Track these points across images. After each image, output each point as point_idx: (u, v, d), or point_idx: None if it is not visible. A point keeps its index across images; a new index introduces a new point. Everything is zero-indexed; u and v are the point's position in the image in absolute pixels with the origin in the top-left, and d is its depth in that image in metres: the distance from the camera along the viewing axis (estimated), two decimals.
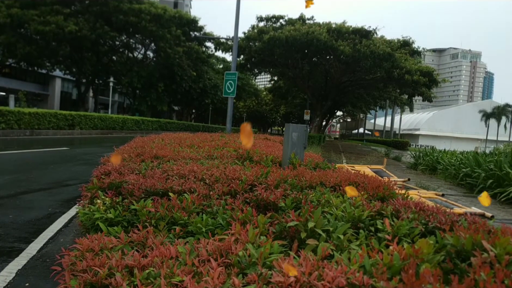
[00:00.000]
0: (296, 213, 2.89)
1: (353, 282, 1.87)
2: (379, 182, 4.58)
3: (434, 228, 3.08)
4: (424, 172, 15.27)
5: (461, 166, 12.05)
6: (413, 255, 2.17)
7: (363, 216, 3.10)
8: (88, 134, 25.99)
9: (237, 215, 2.98)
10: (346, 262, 2.13)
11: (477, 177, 10.68)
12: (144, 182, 3.99)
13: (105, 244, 2.37)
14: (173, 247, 2.19)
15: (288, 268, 1.72)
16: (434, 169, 14.70)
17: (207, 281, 1.71)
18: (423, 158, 16.48)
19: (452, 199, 8.82)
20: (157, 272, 1.89)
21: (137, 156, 6.38)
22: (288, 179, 4.38)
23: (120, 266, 1.92)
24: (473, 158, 11.83)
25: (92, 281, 1.82)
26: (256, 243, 2.46)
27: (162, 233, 2.80)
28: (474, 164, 11.39)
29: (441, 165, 13.84)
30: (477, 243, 2.47)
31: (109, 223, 3.20)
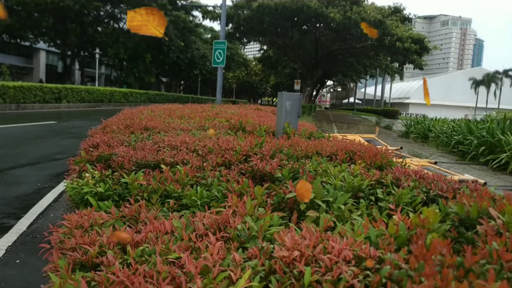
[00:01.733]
0: (294, 184, 2.78)
1: (359, 255, 1.78)
2: (376, 150, 4.49)
3: (436, 196, 3.00)
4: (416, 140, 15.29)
5: (453, 133, 12.05)
6: (419, 225, 2.08)
7: (363, 186, 3.01)
8: (76, 107, 25.52)
9: (233, 187, 2.86)
10: (351, 234, 2.03)
11: (469, 144, 10.69)
12: (134, 154, 3.84)
13: (95, 219, 2.24)
14: (167, 222, 2.07)
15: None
16: (425, 137, 14.72)
17: (206, 257, 1.60)
18: (414, 127, 16.47)
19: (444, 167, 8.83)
20: (151, 249, 1.77)
21: (126, 128, 6.20)
22: (284, 149, 4.26)
23: (111, 243, 1.80)
24: (465, 125, 11.82)
25: (82, 260, 1.70)
26: (254, 215, 2.35)
27: (155, 207, 2.68)
28: (466, 131, 11.38)
29: (433, 133, 13.84)
30: (483, 211, 2.39)
31: (99, 198, 3.07)
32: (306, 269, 1.54)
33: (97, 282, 1.47)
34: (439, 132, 13.31)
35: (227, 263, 1.64)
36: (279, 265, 1.61)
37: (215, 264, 1.59)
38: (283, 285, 1.52)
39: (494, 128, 10.09)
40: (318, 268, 1.60)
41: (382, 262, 1.82)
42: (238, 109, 12.40)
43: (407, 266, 1.57)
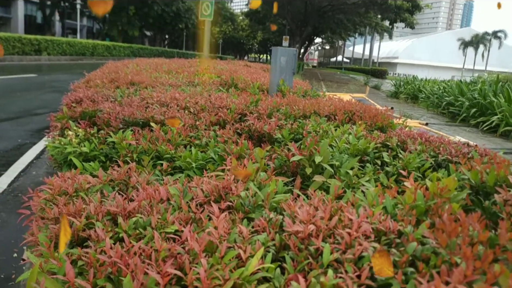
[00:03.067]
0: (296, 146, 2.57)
1: (379, 228, 1.60)
2: (376, 111, 4.29)
3: (445, 161, 2.84)
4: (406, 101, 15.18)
5: (444, 94, 11.92)
6: (437, 194, 1.90)
7: (369, 149, 2.82)
8: (57, 60, 24.55)
9: (231, 149, 2.64)
10: (366, 204, 1.85)
11: (460, 106, 10.59)
12: (121, 110, 3.57)
13: (81, 184, 2.01)
14: (162, 188, 1.85)
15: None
16: (415, 98, 14.59)
17: (210, 232, 1.40)
18: (404, 87, 16.30)
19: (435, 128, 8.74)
20: (146, 220, 1.56)
21: (111, 83, 5.85)
22: (281, 108, 4.03)
23: (100, 214, 1.58)
24: (457, 86, 11.68)
25: None
26: (256, 180, 2.15)
27: (147, 169, 2.46)
28: (457, 92, 11.26)
29: (423, 94, 13.70)
30: (500, 178, 2.23)
31: (84, 158, 2.83)
32: (325, 246, 1.36)
33: (85, 263, 1.26)
34: (429, 93, 13.18)
35: (233, 238, 1.45)
36: (293, 241, 1.43)
37: (221, 240, 1.39)
38: (300, 264, 1.33)
39: (486, 90, 9.96)
40: (337, 245, 1.42)
41: (402, 235, 1.66)
42: (227, 65, 12.00)
43: (437, 243, 1.39)
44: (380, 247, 1.41)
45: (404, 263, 1.34)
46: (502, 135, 8.58)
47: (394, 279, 1.27)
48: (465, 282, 1.16)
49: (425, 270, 1.29)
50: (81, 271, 1.28)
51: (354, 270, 1.30)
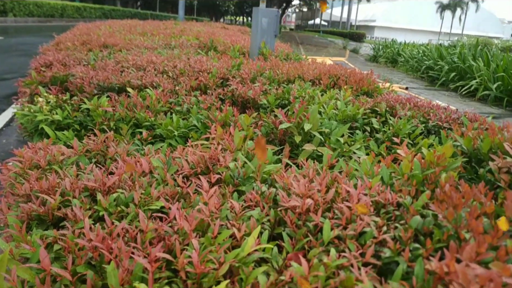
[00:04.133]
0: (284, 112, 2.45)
1: (377, 201, 1.51)
2: (361, 75, 4.17)
3: (435, 127, 2.77)
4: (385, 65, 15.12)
5: (424, 58, 11.88)
6: (433, 162, 1.83)
7: (358, 115, 2.72)
8: (24, 22, 23.29)
9: (215, 116, 2.49)
10: (360, 173, 1.76)
11: (439, 70, 10.60)
12: (95, 75, 3.34)
13: (54, 156, 1.85)
14: (144, 160, 1.71)
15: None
16: (395, 61, 14.54)
17: (200, 209, 1.28)
18: (383, 50, 16.20)
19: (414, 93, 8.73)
20: (128, 196, 1.43)
21: (82, 45, 5.53)
22: (264, 72, 3.86)
23: (77, 190, 1.43)
24: (436, 50, 11.65)
25: (39, 213, 1.34)
26: (244, 150, 2.03)
27: (126, 138, 2.30)
28: (437, 56, 11.23)
29: (403, 58, 13.65)
30: (495, 145, 2.17)
31: (57, 127, 2.63)
32: (324, 222, 1.26)
33: (62, 247, 1.13)
34: (409, 57, 13.13)
35: (225, 215, 1.34)
36: (289, 217, 1.32)
37: (213, 218, 1.27)
38: (299, 243, 1.24)
39: (465, 54, 9.96)
40: (337, 221, 1.32)
41: (400, 207, 1.58)
42: (204, 27, 11.58)
43: (443, 217, 1.32)
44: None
45: (409, 239, 1.26)
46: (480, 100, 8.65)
47: (400, 257, 1.19)
48: (477, 259, 1.08)
49: (431, 246, 1.21)
50: (58, 256, 1.15)
51: (356, 248, 1.21)
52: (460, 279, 0.99)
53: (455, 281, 0.99)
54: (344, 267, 1.12)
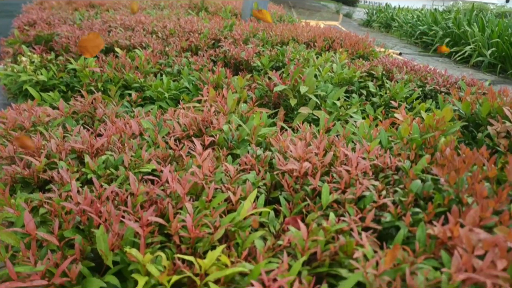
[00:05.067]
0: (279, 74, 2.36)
1: (376, 164, 1.47)
2: (357, 38, 4.07)
3: (432, 91, 2.71)
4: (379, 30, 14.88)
5: (418, 23, 11.67)
6: (433, 126, 1.78)
7: (354, 78, 2.64)
8: None
9: (207, 77, 2.40)
10: (358, 137, 1.71)
11: (433, 36, 10.44)
12: (81, 34, 3.20)
13: (39, 117, 1.76)
14: (134, 121, 1.64)
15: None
16: (388, 26, 14.28)
17: (194, 172, 1.22)
18: (377, 15, 15.88)
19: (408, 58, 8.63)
20: (117, 159, 1.36)
21: (68, 4, 5.29)
22: (257, 33, 3.73)
23: (63, 152, 1.36)
24: (431, 15, 11.44)
25: (24, 176, 1.27)
26: (237, 112, 1.96)
27: (114, 100, 2.21)
28: (431, 21, 11.03)
29: (396, 23, 13.41)
30: (494, 110, 2.13)
31: (42, 88, 2.53)
32: (323, 186, 1.22)
33: (48, 211, 1.07)
34: (403, 22, 12.89)
35: (220, 178, 1.28)
36: (287, 181, 1.27)
37: (207, 181, 1.22)
38: (296, 207, 1.19)
39: (460, 19, 9.79)
40: (336, 184, 1.28)
41: (399, 171, 1.54)
42: None
43: (445, 181, 1.28)
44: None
45: (410, 203, 1.22)
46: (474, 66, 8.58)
47: (401, 222, 1.16)
48: (481, 224, 1.05)
49: (432, 210, 1.18)
50: (44, 220, 1.09)
51: (356, 212, 1.17)
52: (464, 243, 0.95)
53: (459, 245, 0.96)
54: (343, 231, 1.09)
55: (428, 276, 0.90)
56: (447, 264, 0.93)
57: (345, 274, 0.94)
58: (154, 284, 0.87)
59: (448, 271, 0.88)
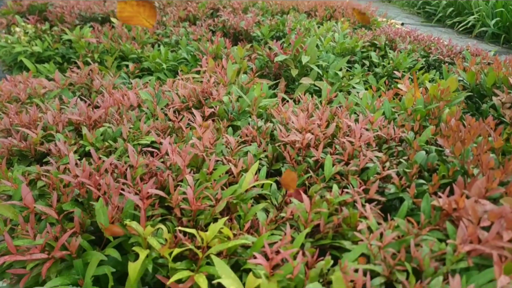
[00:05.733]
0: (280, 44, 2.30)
1: (380, 136, 1.45)
2: (359, 7, 3.97)
3: (436, 61, 2.66)
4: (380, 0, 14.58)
5: None
6: (437, 96, 1.75)
7: (357, 47, 2.59)
8: None
9: (206, 47, 2.35)
10: (361, 108, 1.68)
11: (436, 5, 10.22)
12: (76, 4, 3.11)
13: (35, 89, 1.72)
14: (132, 92, 1.60)
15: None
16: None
17: (194, 144, 1.20)
18: None
19: (410, 29, 8.47)
20: (116, 131, 1.34)
21: None
22: (257, 1, 3.64)
23: (60, 124, 1.33)
24: None
25: (20, 149, 1.24)
26: (237, 83, 1.92)
27: (111, 71, 2.16)
28: None
29: None
30: (499, 80, 2.09)
31: (37, 59, 2.47)
32: (326, 158, 1.19)
33: (46, 183, 1.05)
34: None
35: (220, 150, 1.26)
36: (289, 152, 1.25)
37: (208, 153, 1.20)
38: (299, 179, 1.17)
39: None
40: (339, 156, 1.26)
41: (403, 143, 1.52)
42: None
43: (450, 152, 1.25)
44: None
45: (415, 175, 1.20)
46: (477, 36, 8.44)
47: (405, 193, 1.14)
48: (486, 195, 1.03)
49: (437, 182, 1.16)
50: (42, 193, 1.07)
51: (359, 184, 1.15)
52: (469, 215, 0.94)
53: (464, 217, 0.94)
54: (347, 203, 1.07)
55: (433, 247, 0.89)
56: (452, 235, 0.92)
57: (349, 246, 0.93)
58: (155, 257, 0.85)
59: (453, 243, 0.87)
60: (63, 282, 0.80)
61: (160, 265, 0.87)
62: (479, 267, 0.88)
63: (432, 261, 0.86)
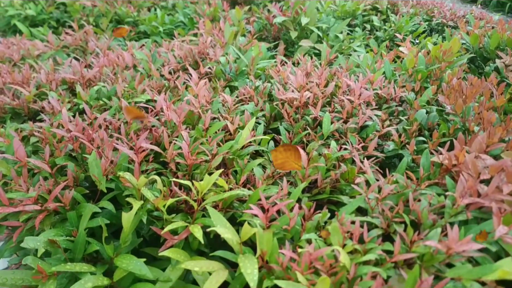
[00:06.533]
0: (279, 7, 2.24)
1: (380, 95, 1.42)
2: None
3: (439, 25, 2.60)
4: None
5: None
6: (439, 58, 1.71)
7: (358, 11, 2.52)
8: None
9: (203, 10, 2.29)
10: (362, 69, 1.64)
11: None
12: None
13: (28, 50, 1.68)
14: (127, 53, 1.56)
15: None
16: None
17: (190, 101, 1.17)
18: None
19: None
20: (110, 90, 1.31)
21: None
22: None
23: (54, 82, 1.30)
24: None
25: (13, 106, 1.22)
26: (235, 45, 1.87)
27: (107, 33, 2.11)
28: None
29: None
30: (503, 42, 2.04)
31: (31, 23, 2.42)
32: (324, 115, 1.17)
33: (39, 139, 1.03)
34: None
35: (217, 108, 1.23)
36: (286, 110, 1.23)
37: (203, 110, 1.17)
38: (296, 136, 1.15)
39: None
40: (338, 114, 1.23)
41: (404, 103, 1.49)
42: None
43: (450, 108, 1.23)
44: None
45: (415, 132, 1.18)
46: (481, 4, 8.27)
47: (405, 150, 1.12)
48: (487, 151, 1.01)
49: (437, 139, 1.14)
50: (35, 149, 1.06)
51: (358, 141, 1.13)
52: (469, 169, 0.92)
53: (464, 171, 0.93)
54: (345, 159, 1.05)
55: (432, 201, 0.87)
56: (452, 189, 0.90)
57: (346, 201, 0.92)
58: (150, 210, 0.84)
59: (452, 195, 0.86)
60: (57, 234, 0.79)
61: (156, 218, 0.86)
62: (477, 221, 0.87)
63: (431, 214, 0.85)
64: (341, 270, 0.68)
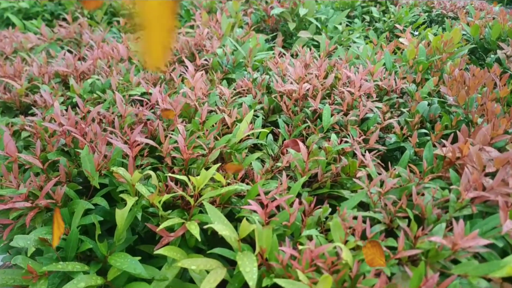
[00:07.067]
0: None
1: (381, 86, 1.39)
2: None
3: (439, 16, 2.57)
4: None
5: None
6: (440, 49, 1.68)
7: (357, 2, 2.48)
8: None
9: (200, 1, 2.25)
10: (362, 61, 1.61)
11: None
12: None
13: (21, 43, 1.65)
14: (122, 45, 1.53)
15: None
16: None
17: (186, 93, 1.14)
18: None
19: None
20: (104, 82, 1.27)
21: None
22: None
23: (46, 75, 1.27)
24: None
25: (4, 100, 1.19)
26: (233, 37, 1.84)
27: (102, 25, 2.07)
28: None
29: None
30: (504, 33, 2.01)
31: (24, 16, 2.37)
32: (324, 107, 1.14)
33: (30, 133, 1.00)
34: None
35: (214, 101, 1.20)
36: (285, 103, 1.20)
37: (200, 103, 1.14)
38: (296, 129, 1.12)
39: None
40: (338, 106, 1.20)
41: (404, 95, 1.47)
42: None
43: (453, 100, 1.20)
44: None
45: (417, 124, 1.16)
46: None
47: (407, 143, 1.09)
48: (491, 143, 0.99)
49: (440, 131, 1.11)
50: (27, 144, 1.02)
51: (359, 134, 1.11)
52: (473, 162, 0.90)
53: (468, 164, 0.90)
54: (346, 153, 1.03)
55: (436, 195, 0.85)
56: (456, 183, 0.88)
57: (348, 195, 0.90)
58: (145, 206, 0.82)
59: (457, 189, 0.83)
60: (49, 232, 0.77)
61: (151, 214, 0.83)
62: (483, 215, 0.84)
63: (435, 208, 0.82)
64: (343, 268, 0.66)
